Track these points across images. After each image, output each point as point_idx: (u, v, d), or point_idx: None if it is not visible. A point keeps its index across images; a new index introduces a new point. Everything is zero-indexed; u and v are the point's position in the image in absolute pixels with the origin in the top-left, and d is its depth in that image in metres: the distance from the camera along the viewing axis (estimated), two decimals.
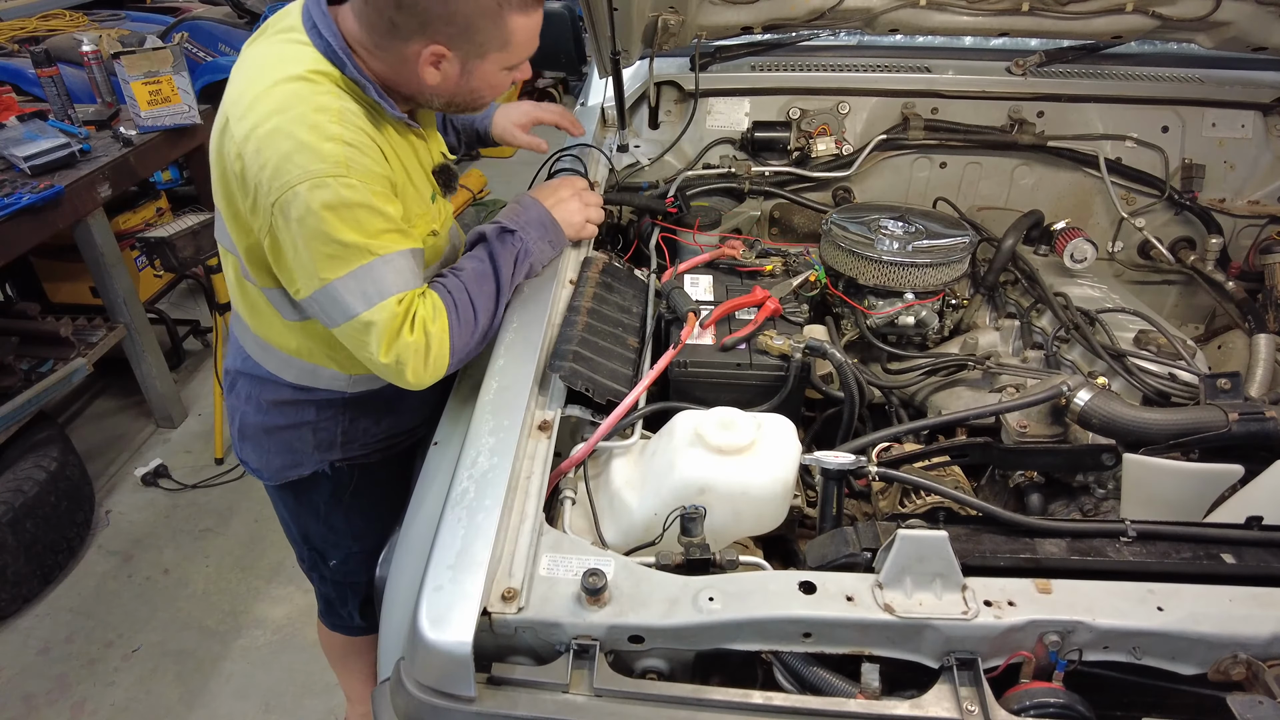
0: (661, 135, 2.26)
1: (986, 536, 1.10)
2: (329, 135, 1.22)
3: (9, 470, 2.78)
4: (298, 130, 1.21)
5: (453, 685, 0.92)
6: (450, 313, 1.35)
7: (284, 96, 1.24)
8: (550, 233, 1.52)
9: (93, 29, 4.17)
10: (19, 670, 2.64)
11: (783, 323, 1.54)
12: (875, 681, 0.94)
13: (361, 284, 1.26)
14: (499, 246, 1.45)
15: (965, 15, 2.07)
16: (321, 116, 1.22)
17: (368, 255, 1.25)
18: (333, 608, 2.00)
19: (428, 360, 1.33)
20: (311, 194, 1.20)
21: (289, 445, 1.64)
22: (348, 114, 1.25)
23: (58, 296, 3.67)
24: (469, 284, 1.40)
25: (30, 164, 2.84)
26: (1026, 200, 2.21)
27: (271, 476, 1.71)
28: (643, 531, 1.20)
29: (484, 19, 1.26)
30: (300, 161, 1.20)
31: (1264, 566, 1.05)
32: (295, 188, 1.19)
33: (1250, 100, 2.16)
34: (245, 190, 1.26)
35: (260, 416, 1.63)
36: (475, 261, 1.44)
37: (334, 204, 1.21)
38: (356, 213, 1.23)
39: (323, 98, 1.25)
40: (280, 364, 1.55)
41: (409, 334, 1.30)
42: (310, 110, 1.23)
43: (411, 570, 1.11)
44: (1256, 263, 2.04)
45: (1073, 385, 1.35)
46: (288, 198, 1.20)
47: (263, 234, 1.28)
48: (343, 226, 1.22)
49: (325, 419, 1.62)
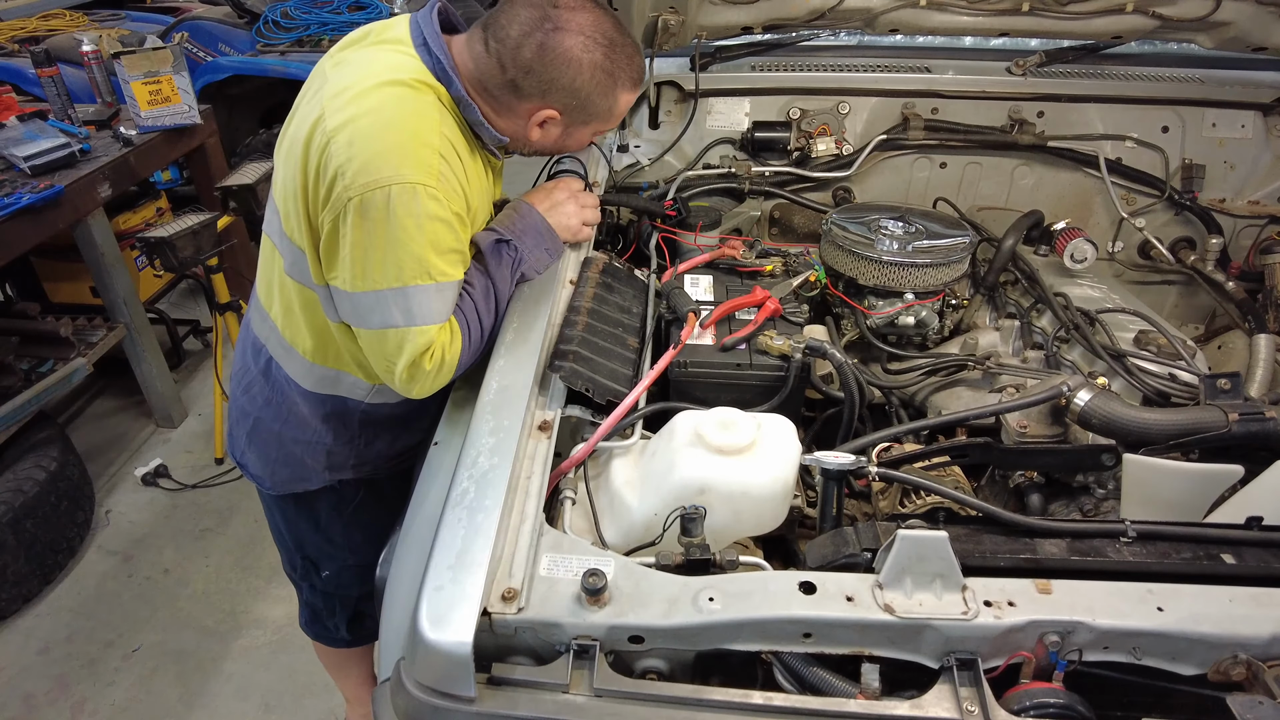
0: (661, 135, 2.26)
1: (986, 537, 1.10)
2: (428, 144, 1.23)
3: (9, 470, 2.77)
4: (398, 132, 1.21)
5: (453, 685, 0.92)
6: (464, 338, 1.37)
7: (389, 97, 1.24)
8: (546, 240, 1.51)
9: (93, 29, 4.17)
10: (19, 670, 2.64)
11: (783, 323, 1.54)
12: (875, 682, 0.94)
13: (410, 301, 1.27)
14: (494, 261, 1.44)
15: (965, 15, 2.07)
16: (423, 124, 1.24)
17: (426, 278, 1.26)
18: (318, 618, 1.96)
19: (435, 381, 1.37)
20: (399, 198, 1.20)
21: (299, 460, 1.62)
22: (448, 129, 1.28)
23: (58, 296, 3.66)
24: (479, 304, 1.41)
25: (30, 164, 2.84)
26: (1026, 200, 2.21)
27: (273, 486, 1.68)
28: (643, 531, 1.20)
29: (601, 95, 1.33)
30: (394, 162, 1.20)
31: (1264, 566, 1.05)
32: (384, 188, 1.19)
33: (1250, 100, 2.16)
34: (322, 178, 1.24)
35: (277, 424, 1.60)
36: (480, 277, 1.43)
37: (418, 214, 1.21)
38: (435, 228, 1.24)
39: (427, 108, 1.26)
40: (303, 370, 1.53)
41: (428, 362, 1.32)
42: (413, 115, 1.24)
43: (411, 570, 1.11)
44: (1256, 263, 2.04)
45: (1073, 385, 1.35)
46: (373, 196, 1.19)
47: (324, 223, 1.27)
48: (418, 238, 1.23)
49: (341, 443, 1.60)
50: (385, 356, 1.33)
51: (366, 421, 1.59)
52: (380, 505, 1.72)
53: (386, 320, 1.29)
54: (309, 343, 1.49)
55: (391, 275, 1.25)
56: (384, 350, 1.33)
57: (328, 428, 1.58)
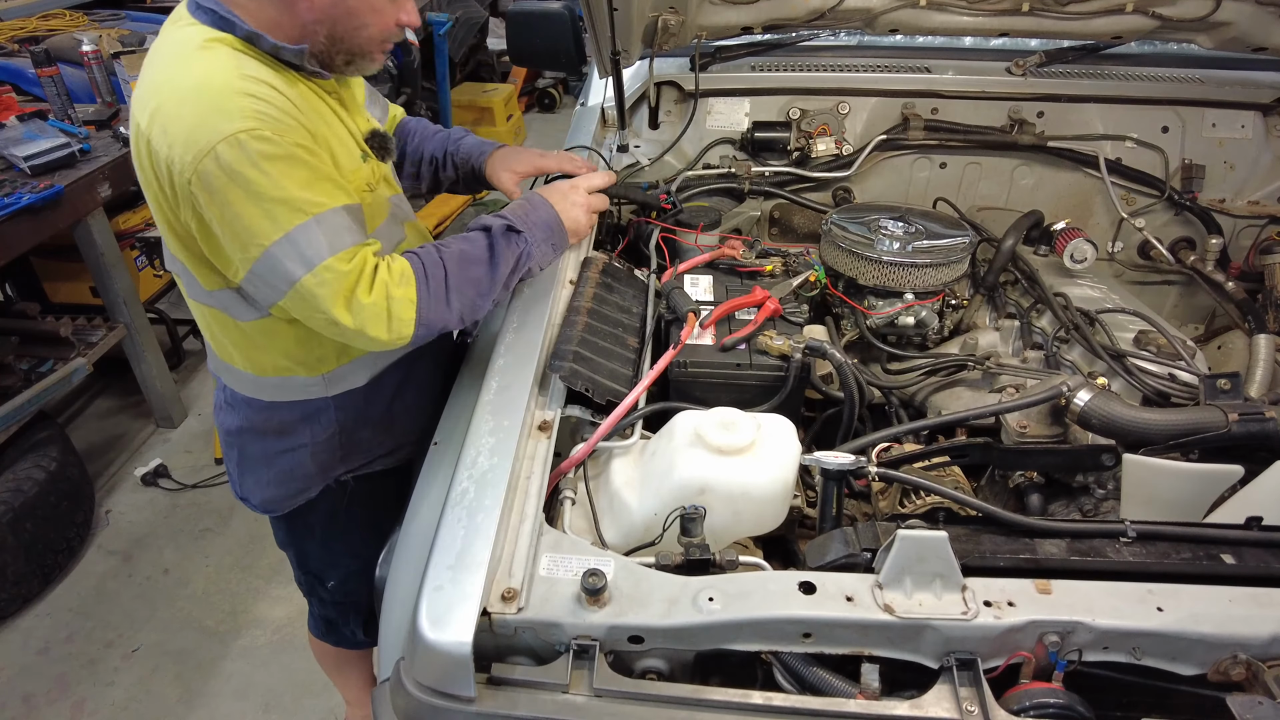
0: (661, 135, 2.26)
1: (986, 537, 1.10)
2: (229, 89, 1.16)
3: (9, 470, 2.77)
4: (197, 96, 1.16)
5: (453, 685, 0.92)
6: (420, 283, 1.32)
7: (177, 72, 1.20)
8: (555, 236, 1.52)
9: (93, 29, 4.16)
10: (19, 670, 2.64)
11: (783, 323, 1.54)
12: (875, 682, 0.94)
13: (297, 246, 1.20)
14: (503, 243, 1.43)
15: (965, 15, 2.07)
16: (218, 76, 1.18)
17: (300, 215, 1.20)
18: (334, 627, 1.96)
19: (390, 324, 1.30)
20: (227, 155, 1.14)
21: (289, 471, 1.60)
22: (247, 68, 1.20)
23: (58, 296, 3.66)
24: (448, 261, 1.37)
25: (30, 164, 2.84)
26: (1026, 200, 2.20)
27: (274, 509, 1.66)
28: (643, 531, 1.20)
29: None
30: (207, 125, 1.14)
31: (1264, 567, 1.05)
32: (210, 152, 1.14)
33: (1250, 100, 2.16)
34: (163, 180, 1.21)
35: (257, 444, 1.58)
36: (466, 244, 1.41)
37: (254, 161, 1.15)
38: (279, 167, 1.17)
39: (217, 59, 1.20)
40: (252, 385, 1.51)
41: (366, 296, 1.26)
42: (205, 74, 1.18)
43: (411, 570, 1.11)
44: (1256, 263, 2.04)
45: (1073, 386, 1.35)
46: (205, 166, 1.15)
47: (190, 221, 1.24)
48: (268, 183, 1.17)
49: (321, 439, 1.57)
50: (318, 313, 1.26)
51: (340, 413, 1.56)
52: (375, 504, 1.68)
53: (290, 276, 1.22)
54: (241, 358, 1.47)
55: (267, 230, 1.19)
56: (312, 309, 1.26)
57: (304, 430, 1.55)
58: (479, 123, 6.34)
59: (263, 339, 1.43)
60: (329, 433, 1.56)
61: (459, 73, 6.45)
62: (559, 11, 2.30)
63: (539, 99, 7.42)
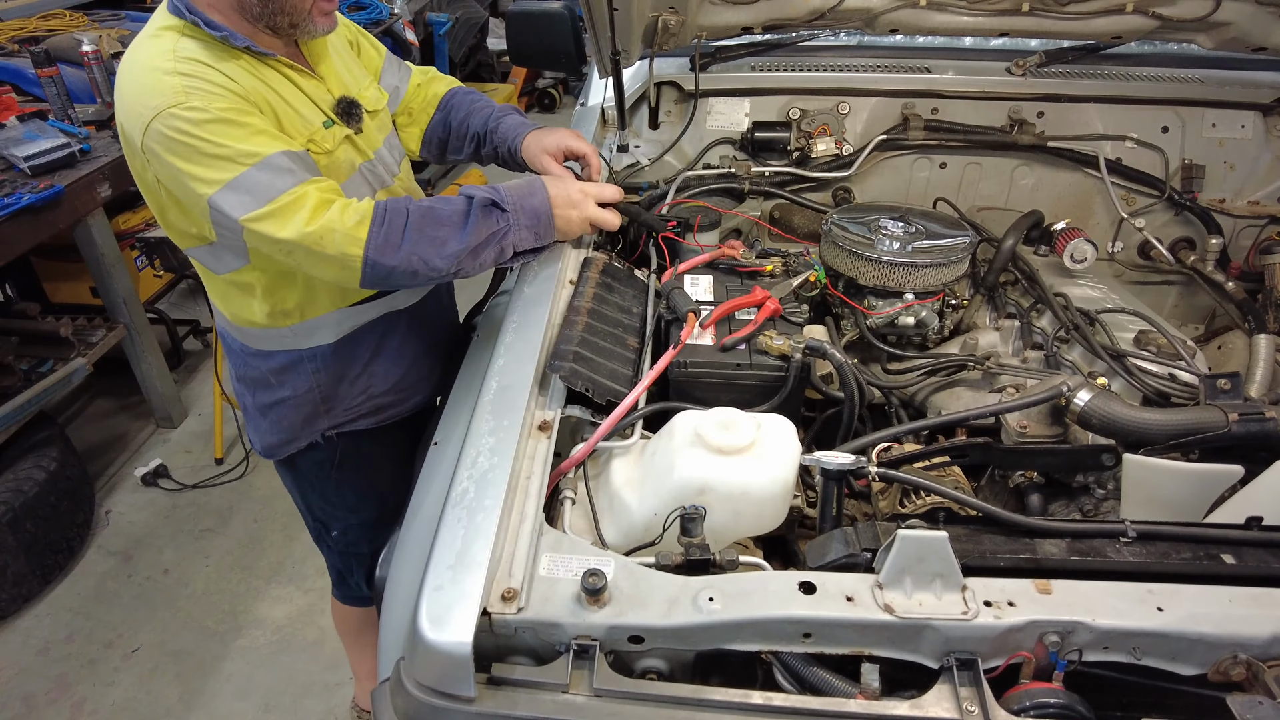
0: (661, 135, 2.26)
1: (986, 537, 1.10)
2: (164, 71, 1.32)
3: (9, 470, 2.78)
4: (138, 78, 1.34)
5: (453, 685, 0.92)
6: (375, 223, 1.40)
7: (131, 57, 1.39)
8: (540, 226, 1.52)
9: (93, 29, 4.16)
10: (19, 670, 2.64)
11: (783, 323, 1.54)
12: (875, 682, 0.94)
13: (239, 194, 1.33)
14: (479, 215, 1.46)
15: (965, 15, 2.07)
16: (157, 59, 1.34)
17: (237, 166, 1.32)
18: (343, 579, 2.07)
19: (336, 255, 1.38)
20: (161, 126, 1.30)
21: (278, 422, 1.72)
22: (182, 51, 1.35)
23: (58, 296, 3.66)
24: (414, 212, 1.43)
25: (30, 164, 2.84)
26: (1026, 200, 2.20)
27: (272, 453, 1.78)
28: (643, 531, 1.20)
29: None
30: (145, 101, 1.32)
31: (1264, 567, 1.05)
32: (149, 125, 1.31)
33: (1250, 100, 2.16)
34: (132, 150, 1.38)
35: (250, 396, 1.73)
36: (442, 202, 1.47)
37: (184, 131, 1.30)
38: (209, 129, 1.31)
39: (159, 45, 1.36)
40: (239, 334, 1.65)
41: (307, 221, 1.35)
42: (144, 60, 1.35)
43: (411, 570, 1.11)
44: (1256, 263, 2.04)
45: (1073, 386, 1.35)
46: (149, 137, 1.31)
47: (156, 188, 1.41)
48: (202, 144, 1.31)
49: (300, 391, 1.67)
50: (273, 244, 1.37)
51: (314, 367, 1.66)
52: (363, 464, 1.81)
53: (235, 215, 1.34)
54: (224, 308, 1.63)
55: (207, 182, 1.33)
56: (268, 243, 1.37)
57: (286, 382, 1.67)
58: None
59: (235, 290, 1.57)
60: (307, 386, 1.68)
61: (459, 73, 6.45)
62: (559, 11, 2.30)
63: (539, 99, 7.42)
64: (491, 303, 1.89)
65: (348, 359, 1.68)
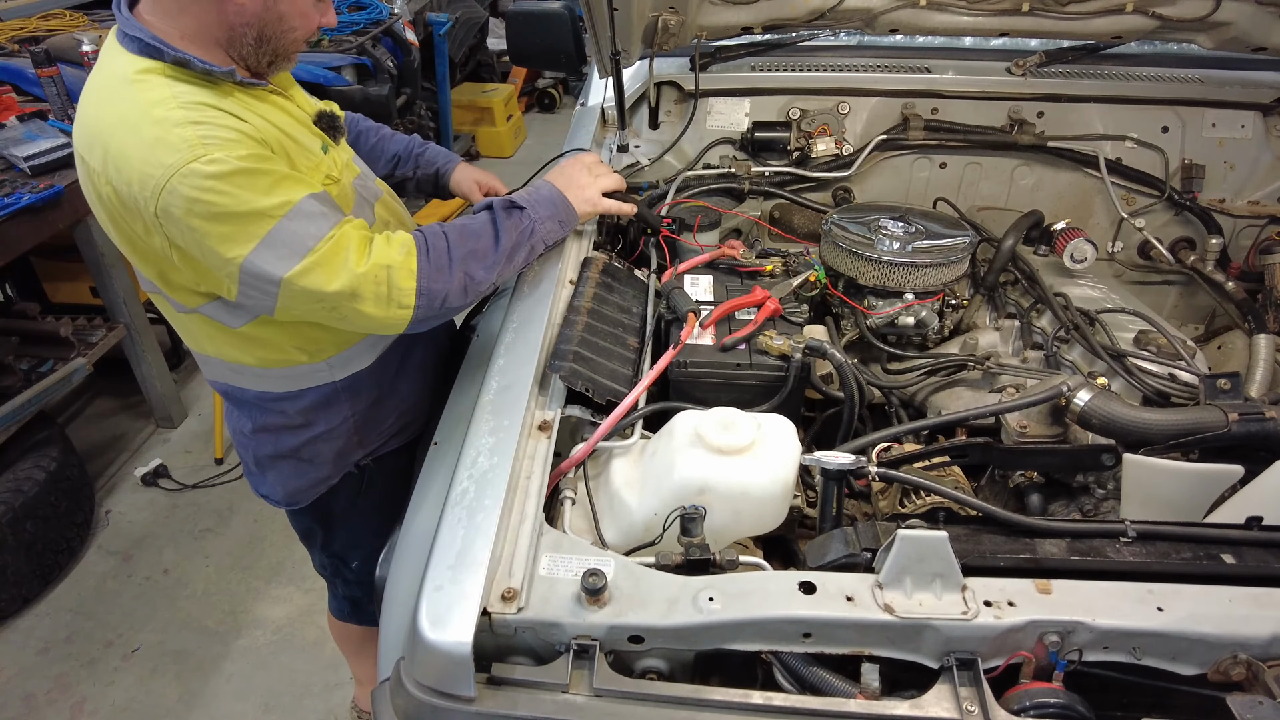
0: (661, 135, 2.26)
1: (986, 537, 1.10)
2: (174, 123, 1.19)
3: (9, 470, 2.77)
4: (142, 133, 1.19)
5: (452, 685, 0.92)
6: (420, 251, 1.33)
7: (118, 109, 1.23)
8: (560, 211, 1.51)
9: (93, 29, 4.16)
10: (19, 670, 2.64)
11: (783, 323, 1.54)
12: (875, 682, 0.94)
13: (276, 250, 1.23)
14: (504, 217, 1.44)
15: (965, 15, 2.07)
16: (159, 110, 1.20)
17: (268, 221, 1.22)
18: (360, 606, 1.99)
19: (389, 294, 1.30)
20: (182, 186, 1.17)
21: (309, 463, 1.62)
22: (183, 96, 1.23)
23: (58, 296, 3.66)
24: (450, 232, 1.38)
25: (30, 164, 2.84)
26: (1026, 200, 2.20)
27: (298, 501, 1.68)
28: (643, 531, 1.20)
29: None
30: (156, 160, 1.18)
31: (1264, 567, 1.05)
32: (166, 187, 1.17)
33: (1250, 100, 2.16)
34: (132, 214, 1.25)
35: (272, 444, 1.60)
36: (468, 220, 1.44)
37: (208, 185, 1.18)
38: (234, 182, 1.19)
39: (153, 92, 1.22)
40: (258, 380, 1.52)
41: (358, 263, 1.27)
42: (146, 108, 1.21)
43: (411, 570, 1.11)
44: (1256, 263, 2.04)
45: (1072, 385, 1.35)
46: (165, 200, 1.18)
47: (167, 251, 1.27)
48: (229, 201, 1.19)
49: (335, 424, 1.59)
50: (316, 302, 1.28)
51: (350, 398, 1.58)
52: (392, 483, 1.70)
53: (274, 276, 1.24)
54: (245, 356, 1.48)
55: (240, 243, 1.22)
56: (309, 299, 1.27)
57: (319, 419, 1.57)
58: (479, 123, 6.34)
59: (260, 337, 1.44)
60: (342, 418, 1.59)
61: (459, 73, 6.45)
62: (559, 11, 2.29)
63: (539, 99, 7.42)
64: (491, 303, 1.89)
65: (380, 381, 1.61)
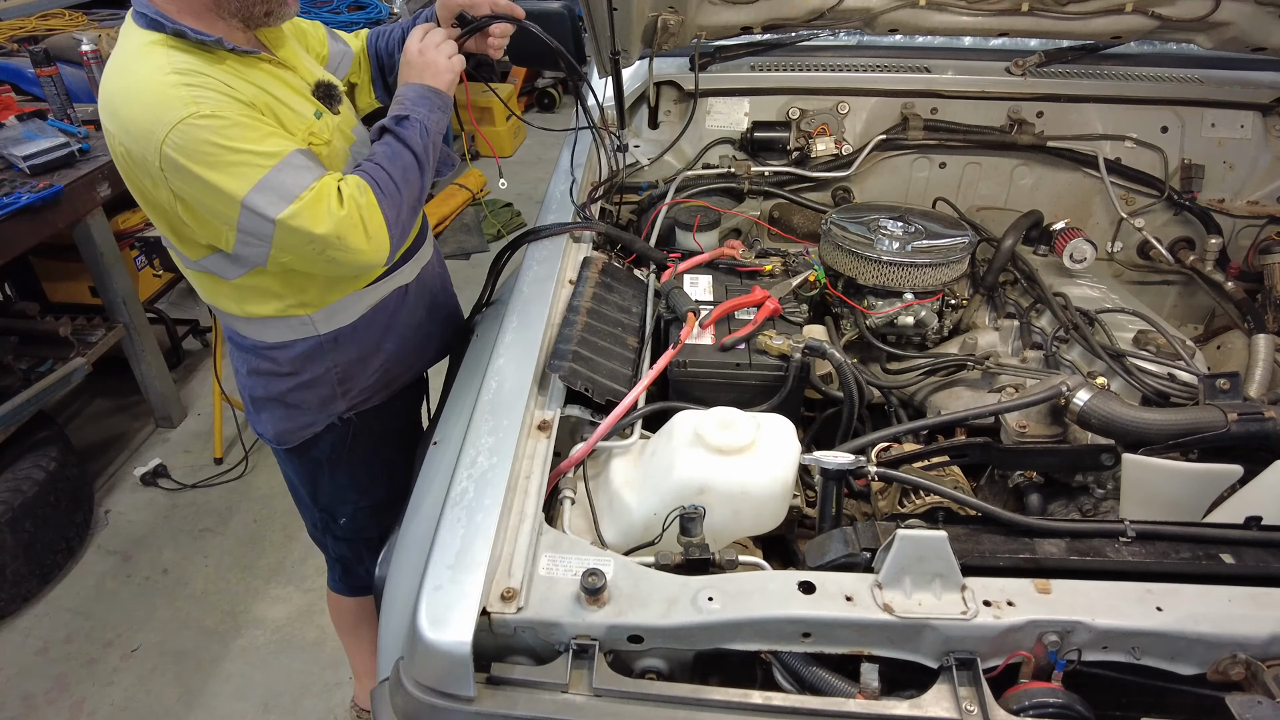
0: (661, 135, 2.26)
1: (986, 536, 1.11)
2: (169, 85, 1.31)
3: (8, 470, 2.77)
4: (142, 97, 1.32)
5: (452, 685, 0.92)
6: (374, 187, 1.44)
7: (124, 80, 1.37)
8: (434, 99, 1.57)
9: (92, 28, 4.16)
10: (18, 670, 2.64)
11: (782, 323, 1.54)
12: (875, 681, 0.94)
13: (266, 195, 1.34)
14: (401, 131, 1.52)
15: (965, 15, 2.07)
16: (157, 74, 1.33)
17: (264, 164, 1.33)
18: (350, 569, 2.06)
19: (367, 230, 1.41)
20: (181, 138, 1.29)
21: (295, 407, 1.73)
22: (179, 63, 1.34)
23: (57, 296, 3.66)
24: (383, 162, 1.48)
25: (30, 164, 2.83)
26: (1026, 200, 2.21)
27: (286, 441, 1.78)
28: (642, 531, 1.20)
29: None
30: (157, 117, 1.30)
31: (1263, 566, 1.05)
32: (168, 140, 1.29)
33: (1250, 100, 2.16)
34: (141, 170, 1.37)
35: (263, 387, 1.72)
36: (383, 146, 1.52)
37: (205, 136, 1.30)
38: (229, 133, 1.31)
39: (152, 60, 1.34)
40: (255, 329, 1.64)
41: (339, 208, 1.38)
42: (146, 74, 1.33)
43: (411, 570, 1.11)
44: (1256, 263, 2.04)
45: (1072, 385, 1.35)
46: (167, 153, 1.30)
47: (172, 203, 1.39)
48: (224, 149, 1.31)
49: (319, 374, 1.69)
50: (306, 242, 1.38)
51: (334, 350, 1.67)
52: (376, 442, 1.82)
53: (269, 215, 1.35)
54: (237, 308, 1.60)
55: (238, 185, 1.33)
56: (299, 240, 1.38)
57: (305, 368, 1.68)
58: (479, 123, 6.34)
59: (251, 290, 1.56)
60: (325, 368, 1.69)
61: None
62: (559, 11, 2.29)
63: (539, 99, 7.42)
64: (491, 303, 1.89)
65: (365, 339, 1.70)
